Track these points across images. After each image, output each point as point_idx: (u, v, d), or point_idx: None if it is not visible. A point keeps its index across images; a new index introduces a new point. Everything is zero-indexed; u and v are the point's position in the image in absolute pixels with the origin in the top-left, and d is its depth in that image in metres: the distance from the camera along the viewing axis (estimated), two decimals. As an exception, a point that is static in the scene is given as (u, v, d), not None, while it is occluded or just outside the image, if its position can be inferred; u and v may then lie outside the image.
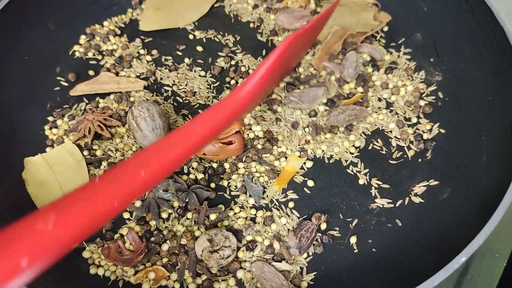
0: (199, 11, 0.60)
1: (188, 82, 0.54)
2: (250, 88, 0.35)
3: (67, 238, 0.23)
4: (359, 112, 0.48)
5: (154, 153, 0.30)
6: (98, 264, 0.41)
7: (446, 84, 0.51)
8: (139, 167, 0.28)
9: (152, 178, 0.29)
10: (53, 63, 0.55)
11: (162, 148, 0.30)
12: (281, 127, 0.49)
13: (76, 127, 0.48)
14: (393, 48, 0.56)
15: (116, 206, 0.26)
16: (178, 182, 0.44)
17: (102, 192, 0.26)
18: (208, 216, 0.43)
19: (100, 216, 0.25)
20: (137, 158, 0.29)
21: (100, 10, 0.59)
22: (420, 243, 0.41)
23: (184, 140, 0.31)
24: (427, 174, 0.46)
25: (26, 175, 0.45)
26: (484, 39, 0.46)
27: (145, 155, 0.30)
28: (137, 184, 0.28)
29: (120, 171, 0.28)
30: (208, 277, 0.40)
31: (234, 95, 0.35)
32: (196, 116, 0.34)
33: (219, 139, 0.45)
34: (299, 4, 0.59)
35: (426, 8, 0.54)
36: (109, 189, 0.26)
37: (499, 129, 0.42)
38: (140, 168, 0.28)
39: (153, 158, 0.29)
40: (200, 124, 0.33)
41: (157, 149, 0.30)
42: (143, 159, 0.29)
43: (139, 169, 0.28)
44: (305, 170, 0.47)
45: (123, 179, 0.27)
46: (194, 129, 0.32)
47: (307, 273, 0.41)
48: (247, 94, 0.35)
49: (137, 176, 0.28)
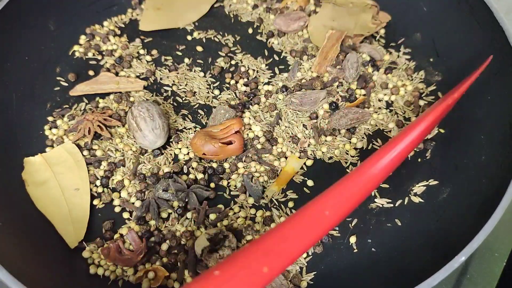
0: (199, 11, 0.60)
1: (188, 82, 0.54)
2: (394, 157, 0.30)
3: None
4: (361, 116, 0.48)
5: (277, 244, 0.25)
6: (98, 264, 0.41)
7: (446, 84, 0.51)
8: (262, 262, 0.24)
9: (274, 275, 0.25)
10: (53, 63, 0.55)
11: (286, 236, 0.26)
12: (282, 130, 0.49)
13: (76, 127, 0.48)
14: (392, 48, 0.56)
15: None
16: (178, 182, 0.44)
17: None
18: (207, 215, 0.43)
19: None
20: (256, 249, 0.25)
21: (100, 10, 0.59)
22: (419, 243, 0.41)
23: (312, 227, 0.26)
24: (427, 174, 0.46)
25: (25, 175, 0.45)
26: (484, 39, 0.46)
27: (266, 245, 0.25)
28: (258, 280, 0.24)
29: (239, 266, 0.24)
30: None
31: (371, 165, 0.30)
32: (326, 192, 0.28)
33: (219, 139, 0.45)
34: (299, 4, 0.59)
35: (426, 8, 0.54)
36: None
37: (499, 129, 0.42)
38: (262, 263, 0.24)
39: (275, 250, 0.25)
40: (330, 205, 0.27)
41: (281, 238, 0.25)
42: (264, 251, 0.25)
43: (262, 265, 0.24)
44: (304, 170, 0.47)
45: (242, 277, 0.24)
46: (322, 212, 0.27)
47: (306, 272, 0.41)
48: (388, 164, 0.30)
49: (258, 272, 0.24)
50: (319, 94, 0.49)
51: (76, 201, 0.44)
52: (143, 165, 0.47)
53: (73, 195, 0.44)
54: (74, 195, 0.44)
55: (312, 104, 0.49)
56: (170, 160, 0.47)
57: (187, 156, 0.47)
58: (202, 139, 0.44)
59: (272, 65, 0.55)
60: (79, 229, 0.42)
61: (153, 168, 0.46)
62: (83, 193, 0.44)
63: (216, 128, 0.46)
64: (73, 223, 0.43)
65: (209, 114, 0.50)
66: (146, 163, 0.47)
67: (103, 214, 0.44)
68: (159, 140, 0.45)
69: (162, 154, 0.47)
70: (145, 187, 0.45)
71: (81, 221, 0.43)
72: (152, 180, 0.44)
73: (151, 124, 0.45)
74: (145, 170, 0.46)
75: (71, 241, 0.42)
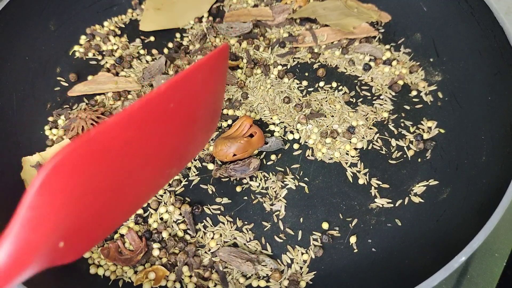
0: (199, 11, 0.60)
1: (188, 82, 0.54)
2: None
3: None
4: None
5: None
6: (98, 264, 0.41)
7: (446, 84, 0.51)
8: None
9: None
10: (53, 63, 0.55)
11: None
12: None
13: (69, 126, 0.48)
14: (393, 48, 0.56)
15: None
16: None
17: None
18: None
19: None
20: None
21: (101, 10, 0.59)
22: (419, 243, 0.41)
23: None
24: (427, 174, 0.46)
25: (25, 175, 0.45)
26: (484, 39, 0.46)
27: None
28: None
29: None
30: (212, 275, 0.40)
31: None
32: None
33: (240, 137, 0.45)
34: (298, 4, 0.59)
35: (426, 8, 0.54)
36: None
37: (499, 129, 0.42)
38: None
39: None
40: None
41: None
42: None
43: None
44: (304, 170, 0.47)
45: None
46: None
47: (306, 272, 0.41)
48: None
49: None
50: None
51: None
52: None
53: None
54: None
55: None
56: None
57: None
58: (225, 144, 0.44)
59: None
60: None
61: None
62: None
63: (229, 132, 0.46)
64: (73, 223, 0.43)
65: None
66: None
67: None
68: None
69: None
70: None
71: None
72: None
73: None
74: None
75: (71, 241, 0.42)
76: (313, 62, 0.54)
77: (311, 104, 0.50)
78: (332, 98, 0.51)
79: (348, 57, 0.54)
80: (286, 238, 0.43)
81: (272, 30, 0.58)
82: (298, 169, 0.47)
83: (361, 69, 0.53)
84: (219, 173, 0.45)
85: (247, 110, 0.50)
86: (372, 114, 0.50)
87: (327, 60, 0.54)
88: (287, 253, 0.42)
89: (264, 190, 0.45)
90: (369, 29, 0.56)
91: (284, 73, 0.53)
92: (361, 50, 0.55)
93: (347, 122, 0.49)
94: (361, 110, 0.50)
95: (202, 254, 0.41)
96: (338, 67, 0.54)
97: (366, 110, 0.50)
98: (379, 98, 0.51)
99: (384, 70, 0.53)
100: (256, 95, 0.51)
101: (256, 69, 0.53)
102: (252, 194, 0.45)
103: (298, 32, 0.57)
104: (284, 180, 0.46)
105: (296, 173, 0.46)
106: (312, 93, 0.52)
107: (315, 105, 0.50)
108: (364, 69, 0.53)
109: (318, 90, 0.52)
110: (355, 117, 0.49)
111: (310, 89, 0.52)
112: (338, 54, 0.55)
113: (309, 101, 0.51)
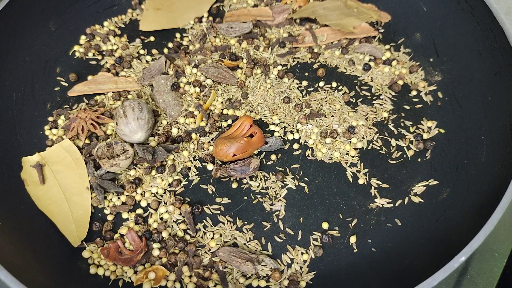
0: (199, 11, 0.60)
1: (188, 82, 0.54)
2: None
3: None
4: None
5: None
6: (98, 264, 0.41)
7: (446, 84, 0.51)
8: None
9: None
10: (53, 63, 0.55)
11: None
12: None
13: (69, 126, 0.48)
14: (393, 48, 0.56)
15: None
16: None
17: None
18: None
19: None
20: None
21: (100, 10, 0.59)
22: (419, 243, 0.41)
23: None
24: (427, 174, 0.46)
25: (25, 175, 0.45)
26: (484, 39, 0.46)
27: None
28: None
29: None
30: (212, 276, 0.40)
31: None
32: None
33: (240, 137, 0.45)
34: (298, 4, 0.59)
35: (426, 8, 0.54)
36: None
37: (499, 129, 0.42)
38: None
39: None
40: None
41: None
42: None
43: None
44: (304, 170, 0.47)
45: None
46: None
47: (306, 272, 0.41)
48: None
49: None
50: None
51: (77, 199, 0.44)
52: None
53: (73, 193, 0.44)
54: (74, 193, 0.44)
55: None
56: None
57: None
58: (225, 144, 0.44)
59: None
60: (81, 227, 0.43)
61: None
62: (83, 191, 0.44)
63: (229, 132, 0.46)
64: (74, 221, 0.43)
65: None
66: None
67: (102, 214, 0.44)
68: (140, 131, 0.45)
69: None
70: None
71: (82, 219, 0.43)
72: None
73: (138, 114, 0.45)
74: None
75: (74, 239, 0.42)
76: (313, 62, 0.55)
77: (311, 104, 0.50)
78: (332, 98, 0.51)
79: (348, 57, 0.55)
80: (286, 238, 0.43)
81: (272, 30, 0.58)
82: (298, 169, 0.47)
83: (361, 69, 0.53)
84: (219, 173, 0.45)
85: (247, 110, 0.50)
86: (372, 114, 0.50)
87: (327, 60, 0.55)
88: (287, 253, 0.42)
89: (264, 190, 0.45)
90: (369, 29, 0.56)
91: (284, 73, 0.53)
92: (361, 50, 0.55)
93: (347, 122, 0.49)
94: (361, 110, 0.50)
95: (202, 254, 0.42)
96: (338, 67, 0.54)
97: (366, 110, 0.50)
98: (379, 98, 0.51)
99: (384, 70, 0.53)
100: (256, 95, 0.51)
101: (256, 69, 0.53)
102: (252, 194, 0.45)
103: (298, 32, 0.57)
104: (284, 180, 0.46)
105: (296, 173, 0.46)
106: (312, 93, 0.52)
107: (315, 105, 0.50)
108: (364, 69, 0.53)
109: (318, 90, 0.52)
110: (355, 117, 0.49)
111: (310, 89, 0.52)
112: (338, 54, 0.55)
113: (309, 101, 0.51)
